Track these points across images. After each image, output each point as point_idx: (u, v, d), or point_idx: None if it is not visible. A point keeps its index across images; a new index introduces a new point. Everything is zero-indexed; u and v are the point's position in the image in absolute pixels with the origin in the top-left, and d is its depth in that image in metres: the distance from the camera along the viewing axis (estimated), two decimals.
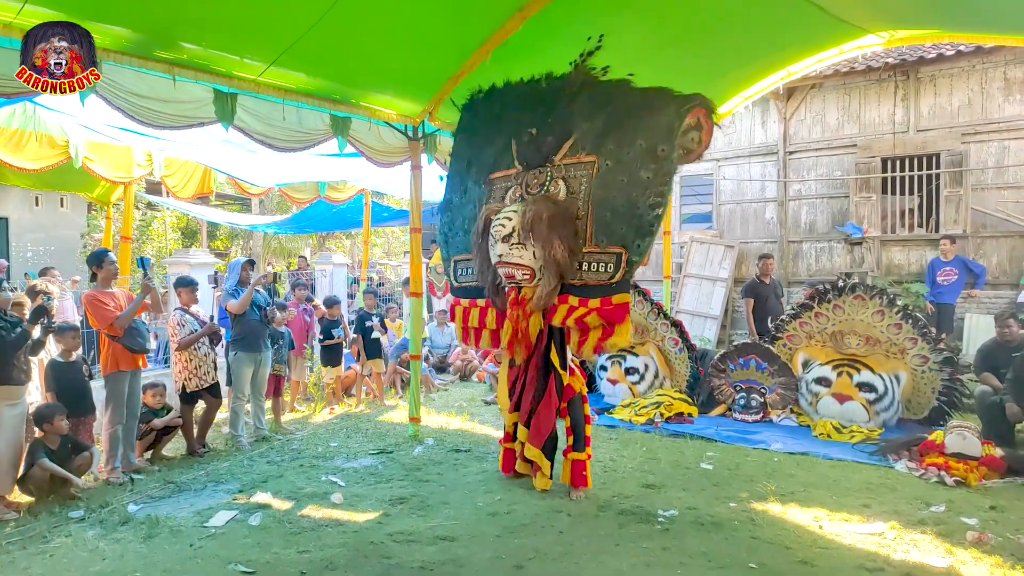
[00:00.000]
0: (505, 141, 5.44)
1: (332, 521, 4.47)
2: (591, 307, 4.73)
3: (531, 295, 4.93)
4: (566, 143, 5.05)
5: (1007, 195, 10.08)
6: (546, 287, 4.83)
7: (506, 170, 5.40)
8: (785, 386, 7.37)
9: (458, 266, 5.71)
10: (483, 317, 5.41)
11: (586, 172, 4.91)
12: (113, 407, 5.43)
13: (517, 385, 5.21)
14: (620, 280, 4.70)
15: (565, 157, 5.04)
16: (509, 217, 4.89)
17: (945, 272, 9.24)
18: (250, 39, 5.16)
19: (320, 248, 23.04)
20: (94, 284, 5.57)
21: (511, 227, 4.85)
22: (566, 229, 4.80)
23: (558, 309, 4.87)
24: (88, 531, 4.32)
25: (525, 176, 5.22)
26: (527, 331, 5.01)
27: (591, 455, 5.16)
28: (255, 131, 5.66)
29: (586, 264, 4.80)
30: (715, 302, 12.04)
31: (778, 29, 6.53)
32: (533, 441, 5.06)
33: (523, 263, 4.86)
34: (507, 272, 4.97)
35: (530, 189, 5.13)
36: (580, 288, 4.82)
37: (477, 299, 5.49)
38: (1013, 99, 10.07)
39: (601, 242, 4.76)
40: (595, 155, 4.90)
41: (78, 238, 19.24)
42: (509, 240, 4.86)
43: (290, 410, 7.94)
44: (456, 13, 5.59)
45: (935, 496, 4.87)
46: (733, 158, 12.55)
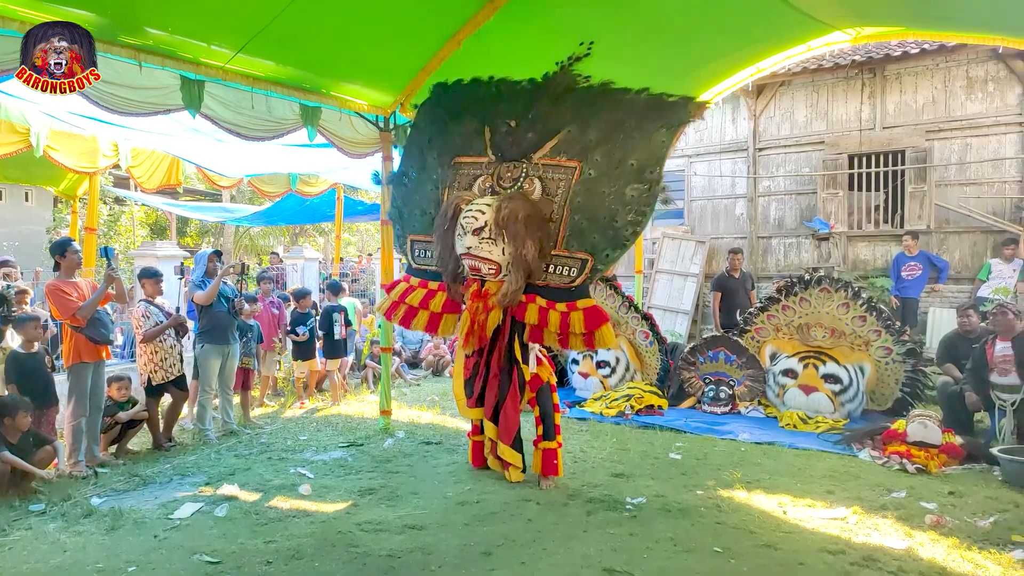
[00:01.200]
0: (476, 126, 5.36)
1: (300, 512, 4.44)
2: (560, 310, 4.76)
3: (494, 290, 4.91)
4: (548, 143, 5.02)
5: (969, 191, 10.30)
6: (512, 285, 4.81)
7: (476, 156, 5.32)
8: (753, 378, 7.47)
9: (416, 246, 5.58)
10: (428, 299, 5.32)
11: (565, 176, 4.91)
12: (76, 399, 5.33)
13: (477, 380, 5.14)
14: (581, 285, 4.79)
15: (545, 157, 5.01)
16: (482, 210, 4.83)
17: (909, 267, 9.41)
18: (218, 25, 5.10)
19: (293, 244, 22.83)
20: (57, 274, 5.46)
21: (484, 221, 4.80)
22: (541, 230, 4.81)
23: (528, 308, 4.84)
24: (49, 524, 4.24)
25: (498, 167, 5.16)
26: (484, 324, 4.97)
27: (561, 443, 5.19)
28: (223, 119, 5.58)
29: (552, 266, 4.85)
30: (686, 297, 12.14)
31: (747, 24, 6.60)
32: (503, 438, 5.04)
33: (491, 258, 4.84)
34: (473, 265, 4.93)
35: (502, 182, 5.09)
36: (544, 289, 4.84)
37: (430, 282, 5.40)
38: (975, 97, 10.29)
39: (571, 247, 4.82)
40: (578, 161, 4.90)
41: (43, 233, 18.88)
42: (480, 234, 4.81)
43: (259, 405, 7.86)
44: (428, 2, 5.58)
45: (897, 483, 4.98)
46: (704, 154, 12.67)
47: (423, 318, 5.34)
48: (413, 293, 5.41)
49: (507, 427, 5.03)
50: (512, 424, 5.04)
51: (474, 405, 5.19)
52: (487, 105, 5.39)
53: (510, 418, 5.03)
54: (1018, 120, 9.96)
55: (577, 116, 4.99)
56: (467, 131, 5.41)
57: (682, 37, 6.63)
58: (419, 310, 5.34)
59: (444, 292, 5.26)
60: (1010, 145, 10.06)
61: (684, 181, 12.85)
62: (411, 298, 5.39)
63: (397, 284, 5.62)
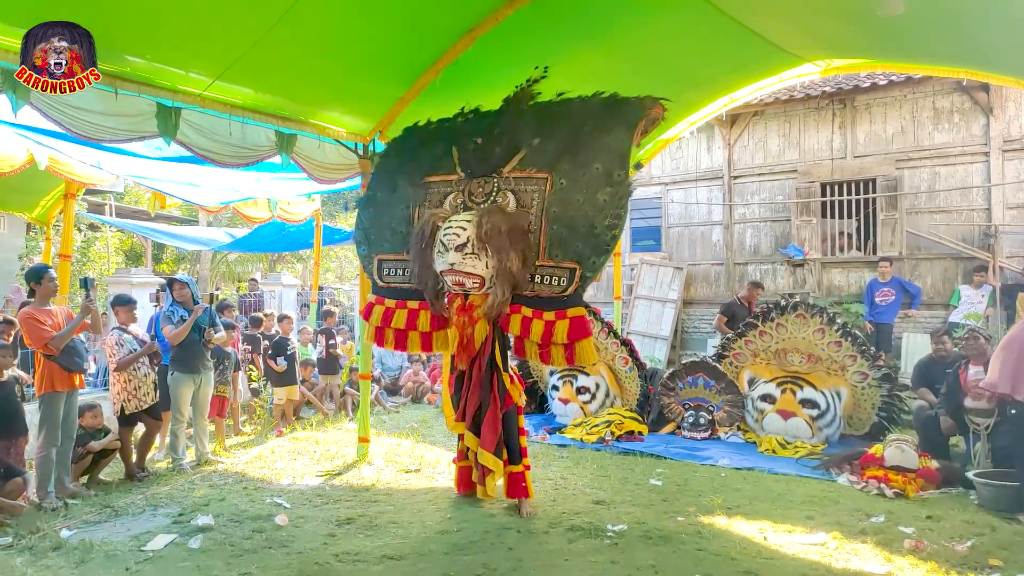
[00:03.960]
0: (444, 147, 5.49)
1: (276, 543, 4.36)
2: (547, 319, 4.78)
3: (479, 303, 4.99)
4: (516, 156, 5.11)
5: (939, 219, 10.52)
6: (498, 297, 4.88)
7: (445, 175, 5.43)
8: (732, 403, 7.50)
9: (383, 265, 5.63)
10: (413, 319, 5.37)
11: (538, 187, 4.97)
12: (47, 429, 5.20)
13: (463, 393, 5.21)
14: (573, 293, 4.79)
15: (514, 170, 5.10)
16: (463, 227, 4.91)
17: (883, 293, 9.57)
18: (196, 53, 5.09)
19: (270, 271, 22.64)
20: (31, 301, 5.37)
21: (466, 237, 4.87)
22: (523, 242, 4.88)
23: (511, 319, 4.91)
24: (16, 558, 4.12)
25: (468, 184, 5.27)
26: (472, 337, 5.05)
27: (529, 466, 5.18)
28: (198, 146, 5.53)
29: (539, 277, 4.87)
30: (665, 322, 12.21)
31: (720, 55, 6.75)
32: (486, 446, 5.03)
33: (475, 272, 4.91)
34: (456, 280, 4.99)
35: (474, 198, 5.18)
36: (532, 299, 4.86)
37: (408, 301, 5.43)
38: (942, 127, 10.56)
39: (555, 257, 4.84)
40: (548, 172, 4.96)
41: (16, 260, 18.54)
42: (463, 250, 4.88)
43: (236, 433, 7.74)
44: (407, 31, 5.64)
45: (875, 507, 5.01)
46: (681, 182, 12.84)
47: (415, 340, 5.43)
48: (395, 316, 5.44)
49: (489, 433, 5.02)
50: (494, 431, 5.02)
51: (460, 419, 5.24)
52: (456, 129, 5.56)
53: (491, 425, 5.03)
54: (983, 150, 10.22)
55: (540, 128, 5.10)
56: (436, 153, 5.53)
57: (657, 67, 6.76)
58: (407, 332, 5.41)
59: (427, 310, 5.31)
60: (977, 174, 10.30)
61: (661, 208, 13.00)
62: (396, 321, 5.43)
63: (372, 309, 5.60)
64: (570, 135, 4.95)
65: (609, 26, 6.02)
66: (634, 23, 6.00)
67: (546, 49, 5.94)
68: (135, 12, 4.51)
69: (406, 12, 5.42)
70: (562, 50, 6.04)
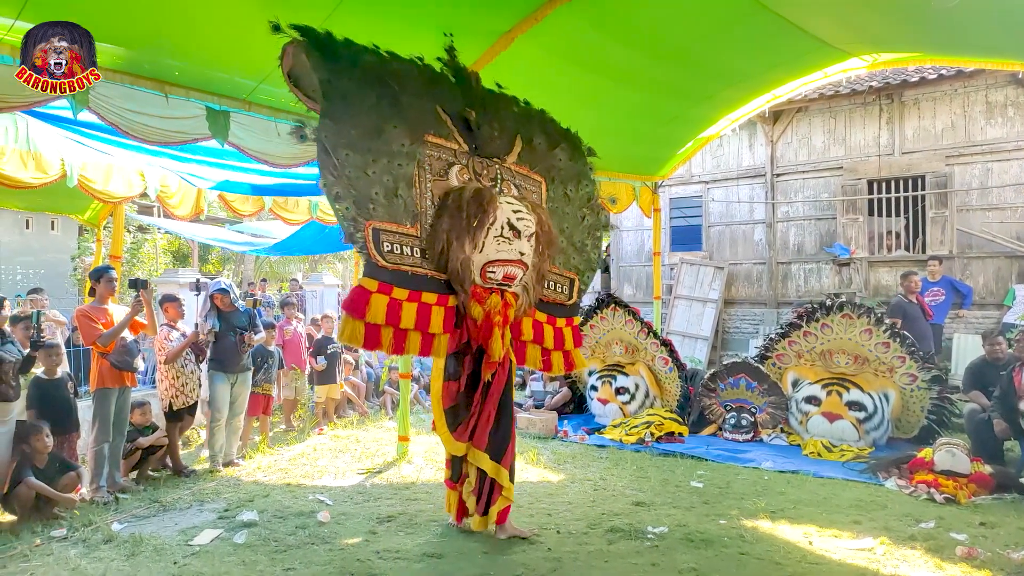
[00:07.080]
0: (429, 104, 4.35)
1: (318, 539, 4.42)
2: (559, 325, 4.80)
3: (514, 301, 4.37)
4: (514, 148, 4.74)
5: (991, 216, 10.20)
6: (532, 297, 4.52)
7: (444, 139, 4.36)
8: (775, 405, 7.37)
9: (383, 237, 3.89)
10: (425, 318, 4.00)
11: (536, 190, 4.88)
12: (99, 425, 5.38)
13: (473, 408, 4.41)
14: (573, 304, 4.93)
15: (515, 164, 4.74)
16: (527, 214, 4.36)
17: (933, 292, 9.29)
18: (238, 59, 5.18)
19: (312, 271, 23.00)
20: (92, 299, 5.58)
21: (534, 226, 4.37)
22: (555, 244, 4.81)
23: (523, 323, 4.57)
24: (70, 550, 4.25)
25: (472, 160, 4.47)
26: (503, 341, 4.34)
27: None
28: (251, 148, 5.62)
29: (548, 282, 4.82)
30: (705, 322, 12.07)
31: (762, 51, 6.61)
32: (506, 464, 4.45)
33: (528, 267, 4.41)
34: (511, 273, 4.27)
35: (480, 179, 4.45)
36: (542, 304, 4.77)
37: (424, 292, 4.04)
38: (995, 122, 10.23)
39: (558, 264, 4.87)
40: (542, 178, 4.92)
41: (68, 261, 19.18)
42: (530, 240, 4.34)
43: (287, 429, 7.91)
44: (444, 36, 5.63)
45: (925, 513, 4.87)
46: (722, 180, 12.67)
47: (415, 342, 4.02)
48: (404, 312, 3.93)
49: (511, 455, 4.53)
50: (513, 451, 4.57)
51: (466, 437, 4.40)
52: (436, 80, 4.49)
53: (513, 444, 4.57)
54: None
55: (524, 128, 4.89)
56: (423, 104, 4.32)
57: (697, 63, 6.65)
58: (408, 332, 3.98)
59: (442, 307, 4.11)
60: None
61: (702, 207, 12.85)
62: (404, 320, 3.92)
63: (368, 301, 3.81)
64: (548, 148, 4.98)
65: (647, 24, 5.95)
66: (672, 20, 5.92)
67: (584, 48, 5.91)
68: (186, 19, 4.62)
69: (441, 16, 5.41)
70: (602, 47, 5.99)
